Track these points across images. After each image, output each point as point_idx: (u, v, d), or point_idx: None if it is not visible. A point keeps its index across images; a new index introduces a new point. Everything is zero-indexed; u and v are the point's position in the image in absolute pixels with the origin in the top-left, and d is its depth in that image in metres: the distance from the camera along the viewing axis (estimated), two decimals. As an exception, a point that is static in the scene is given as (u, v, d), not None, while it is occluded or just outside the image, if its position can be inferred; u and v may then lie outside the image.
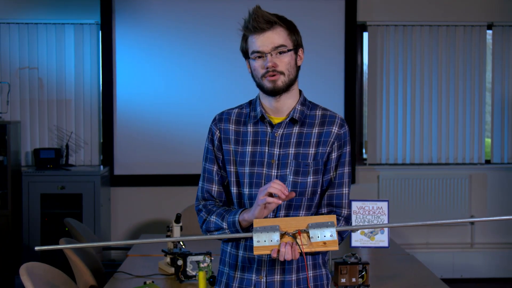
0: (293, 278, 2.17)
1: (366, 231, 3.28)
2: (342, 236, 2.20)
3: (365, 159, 6.16)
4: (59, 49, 5.83)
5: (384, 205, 3.24)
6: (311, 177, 2.16)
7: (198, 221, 2.24)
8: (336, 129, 2.19)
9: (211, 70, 5.83)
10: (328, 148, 2.18)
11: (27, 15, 5.81)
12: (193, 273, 3.30)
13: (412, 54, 6.02)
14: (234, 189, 2.20)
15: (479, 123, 6.06)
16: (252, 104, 2.26)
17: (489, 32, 6.12)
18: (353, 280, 3.12)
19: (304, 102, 2.23)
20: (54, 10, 5.83)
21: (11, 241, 5.37)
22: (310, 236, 1.94)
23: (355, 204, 3.24)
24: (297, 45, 2.20)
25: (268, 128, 2.19)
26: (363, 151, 6.22)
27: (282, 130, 2.18)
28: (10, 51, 5.81)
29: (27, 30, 5.80)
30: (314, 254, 2.20)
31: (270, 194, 1.98)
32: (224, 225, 2.12)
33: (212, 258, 3.25)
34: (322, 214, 2.20)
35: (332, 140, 2.18)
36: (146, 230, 5.92)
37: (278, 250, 1.93)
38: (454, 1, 6.06)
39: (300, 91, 2.25)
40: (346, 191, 2.21)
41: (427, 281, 3.32)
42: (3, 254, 5.36)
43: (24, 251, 5.45)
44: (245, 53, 2.17)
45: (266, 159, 2.16)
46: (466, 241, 6.14)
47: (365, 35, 6.09)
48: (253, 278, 2.17)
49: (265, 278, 2.16)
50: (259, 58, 2.11)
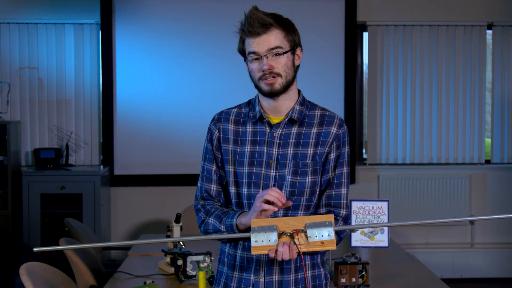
0: (291, 278, 2.17)
1: (366, 231, 3.28)
2: (341, 236, 2.20)
3: (365, 159, 6.16)
4: (59, 49, 5.83)
5: (384, 205, 3.24)
6: (310, 177, 2.16)
7: (197, 221, 2.25)
8: (335, 129, 2.19)
9: (211, 70, 5.83)
10: (327, 148, 2.17)
11: (27, 15, 5.81)
12: (193, 273, 3.30)
13: (412, 54, 6.02)
14: (232, 189, 2.20)
15: (479, 123, 6.06)
16: (251, 104, 2.25)
17: (489, 32, 6.12)
18: (353, 280, 3.12)
19: (303, 102, 2.23)
20: (54, 10, 5.83)
21: (11, 241, 5.37)
22: (308, 235, 1.94)
23: (355, 204, 3.24)
24: (294, 45, 2.19)
25: (267, 128, 2.19)
26: (363, 151, 6.22)
27: (280, 130, 2.18)
28: (10, 51, 5.81)
29: (27, 30, 5.80)
30: (312, 254, 2.20)
31: (267, 201, 1.98)
32: (222, 228, 2.13)
33: (212, 258, 3.25)
34: (320, 214, 2.20)
35: (331, 140, 2.18)
36: (146, 230, 5.92)
37: (276, 250, 1.93)
38: (454, 1, 6.06)
39: (299, 91, 2.25)
40: (345, 191, 2.21)
41: (427, 281, 3.32)
42: (3, 254, 5.36)
43: (24, 251, 5.45)
44: (243, 53, 2.17)
45: (264, 159, 2.16)
46: (466, 241, 6.14)
47: (365, 35, 6.09)
48: (252, 278, 2.17)
49: (263, 278, 2.16)
50: (256, 60, 2.11)
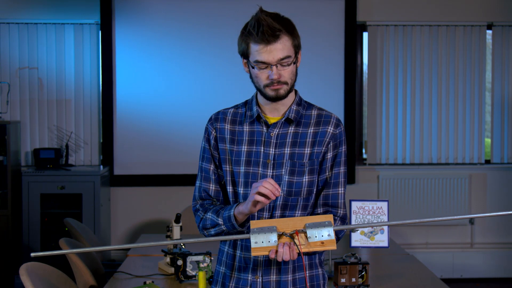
0: (289, 278, 2.18)
1: (366, 231, 3.28)
2: (338, 236, 2.19)
3: (365, 159, 6.16)
4: (59, 49, 5.83)
5: (384, 205, 3.24)
6: (307, 177, 2.16)
7: (196, 221, 2.24)
8: (332, 128, 2.19)
9: (211, 70, 5.83)
10: (324, 148, 2.18)
11: (27, 15, 5.81)
12: (193, 273, 3.30)
13: (412, 54, 6.02)
14: (230, 188, 2.20)
15: (479, 123, 6.06)
16: (247, 104, 2.25)
17: (489, 32, 6.12)
18: (353, 280, 3.12)
19: (299, 102, 2.23)
20: (54, 10, 5.83)
21: (11, 241, 5.37)
22: (308, 236, 1.93)
23: (355, 204, 3.24)
24: (297, 50, 2.16)
25: (264, 128, 2.19)
26: (363, 151, 6.22)
27: (277, 130, 2.18)
28: (10, 51, 5.81)
29: (27, 30, 5.80)
30: (310, 254, 2.20)
31: (261, 194, 1.97)
32: (220, 221, 2.12)
33: (212, 258, 3.25)
34: (317, 214, 2.20)
35: (328, 140, 2.18)
36: (146, 230, 5.92)
37: (276, 251, 1.93)
38: (454, 1, 6.06)
39: (295, 91, 2.24)
40: (342, 191, 2.21)
41: (426, 281, 3.32)
42: (3, 254, 5.35)
43: (24, 251, 5.45)
44: (244, 54, 2.13)
45: (261, 159, 2.16)
46: (466, 241, 6.15)
47: (365, 35, 6.09)
48: (249, 278, 2.17)
49: (261, 278, 2.16)
50: (263, 69, 2.08)
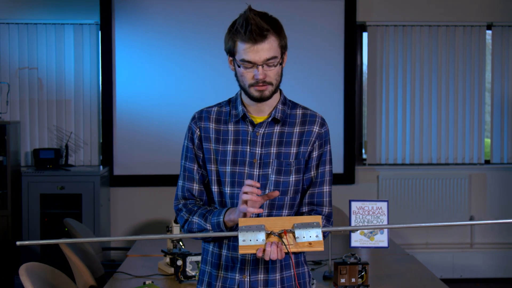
0: (277, 277, 2.18)
1: (365, 231, 3.28)
2: (324, 235, 2.21)
3: (364, 159, 6.16)
4: (58, 49, 5.83)
5: (384, 205, 3.24)
6: (293, 176, 2.17)
7: (179, 221, 2.22)
8: (317, 128, 2.20)
9: (210, 69, 5.83)
10: (310, 147, 2.19)
11: (26, 15, 5.81)
12: (193, 273, 3.30)
13: (412, 54, 6.02)
14: (215, 188, 2.19)
15: (478, 123, 6.06)
16: (231, 102, 2.24)
17: (489, 32, 6.12)
18: (353, 280, 3.12)
19: (284, 101, 2.23)
20: (53, 10, 5.83)
21: (10, 241, 5.37)
22: (296, 236, 1.94)
23: (355, 204, 3.24)
24: (284, 50, 2.13)
25: (250, 127, 2.18)
26: (363, 151, 6.22)
27: (263, 130, 2.18)
28: (9, 51, 5.81)
29: (27, 30, 5.80)
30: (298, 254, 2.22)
31: (245, 201, 1.97)
32: (208, 226, 2.11)
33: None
34: (303, 213, 2.21)
35: (313, 139, 2.19)
36: (146, 230, 5.92)
37: (264, 250, 1.93)
38: (453, 1, 6.06)
39: (280, 91, 2.23)
40: (327, 189, 2.22)
41: (426, 281, 3.32)
42: (3, 254, 5.35)
43: (24, 251, 5.45)
44: (230, 52, 2.11)
45: (248, 159, 2.16)
46: (466, 241, 6.15)
47: (365, 35, 6.09)
48: (237, 277, 2.17)
49: (248, 277, 2.16)
50: (249, 68, 2.07)
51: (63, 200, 5.44)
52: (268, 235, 1.95)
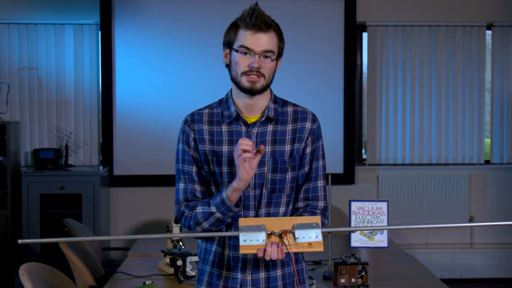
0: (278, 274, 2.21)
1: (365, 231, 3.28)
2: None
3: (364, 159, 6.16)
4: (58, 49, 5.83)
5: (384, 205, 3.24)
6: (289, 174, 2.20)
7: (183, 222, 2.19)
8: (309, 124, 2.23)
9: (210, 70, 5.82)
10: (303, 144, 2.21)
11: (26, 15, 5.81)
12: (193, 273, 3.30)
13: (412, 54, 6.02)
14: (214, 188, 2.21)
15: (478, 123, 6.06)
16: (222, 103, 2.25)
17: (489, 32, 6.13)
18: (353, 280, 3.13)
19: (275, 99, 2.25)
20: (53, 10, 5.83)
21: (10, 241, 5.37)
22: (296, 236, 1.96)
23: (355, 204, 3.24)
24: (280, 54, 2.19)
25: (243, 127, 2.20)
26: (363, 151, 6.22)
27: (257, 129, 2.20)
28: (9, 52, 5.81)
29: (27, 31, 5.80)
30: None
31: (244, 151, 1.99)
32: (213, 209, 2.10)
33: (199, 256, 3.24)
34: (298, 208, 2.23)
35: (306, 135, 2.22)
36: (146, 230, 5.92)
37: (265, 250, 1.95)
38: (453, 1, 6.06)
39: (270, 90, 2.25)
40: (322, 184, 2.24)
41: (426, 281, 3.32)
42: (3, 254, 5.35)
43: (24, 251, 5.45)
44: (229, 43, 2.15)
45: None
46: (466, 241, 6.15)
47: (365, 35, 6.09)
48: (239, 276, 2.19)
49: (250, 276, 2.18)
50: (245, 54, 2.10)
51: (63, 200, 5.44)
52: (269, 235, 1.96)
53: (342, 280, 3.12)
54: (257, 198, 2.16)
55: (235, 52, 2.12)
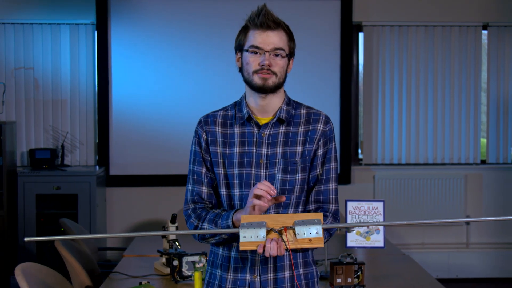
0: (286, 275, 2.20)
1: (361, 231, 3.28)
2: (330, 233, 2.23)
3: (360, 159, 6.17)
4: (54, 49, 5.82)
5: (380, 205, 3.25)
6: (300, 175, 2.19)
7: (188, 227, 2.23)
8: (322, 126, 2.22)
9: (207, 70, 5.83)
10: (315, 146, 2.21)
11: (22, 15, 5.79)
12: (189, 274, 3.30)
13: (408, 54, 6.03)
14: (223, 191, 2.21)
15: (474, 123, 6.07)
16: (237, 105, 2.27)
17: (485, 32, 6.13)
18: (349, 280, 3.13)
19: (289, 102, 2.26)
20: (49, 10, 5.82)
21: (6, 241, 5.36)
22: (296, 232, 1.96)
23: (351, 204, 3.24)
24: (291, 53, 2.21)
25: (255, 129, 2.21)
26: (359, 151, 6.22)
27: (269, 130, 2.20)
28: (5, 51, 5.80)
29: (23, 30, 5.79)
30: (301, 251, 2.22)
31: (257, 196, 1.99)
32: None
33: (208, 259, 3.24)
34: (309, 211, 2.23)
35: (318, 137, 2.21)
36: (142, 230, 5.91)
37: (264, 246, 1.95)
38: (449, 1, 6.07)
39: (284, 92, 2.26)
40: (333, 187, 2.24)
41: (422, 281, 3.32)
42: (-1, 255, 5.35)
43: (20, 251, 5.44)
44: (240, 46, 2.18)
45: (254, 159, 2.18)
46: (462, 241, 6.15)
47: (361, 35, 6.10)
48: (247, 278, 2.19)
49: (259, 277, 2.18)
50: (256, 54, 2.13)
51: (59, 200, 5.43)
52: (269, 231, 1.97)
53: (338, 280, 3.12)
54: (270, 204, 2.15)
55: (246, 53, 2.15)
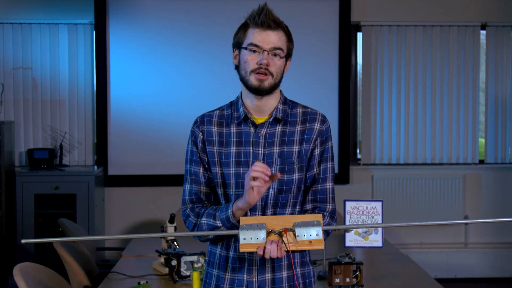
0: (284, 275, 2.20)
1: (360, 231, 3.28)
2: (328, 232, 2.22)
3: (359, 159, 6.17)
4: (53, 49, 5.82)
5: (378, 205, 3.24)
6: (297, 174, 2.18)
7: (188, 227, 2.22)
8: (318, 125, 2.22)
9: (205, 69, 5.83)
10: (311, 145, 2.20)
11: (21, 15, 5.79)
12: (187, 273, 3.30)
13: (406, 54, 6.03)
14: (220, 190, 2.21)
15: (473, 123, 6.07)
16: (233, 105, 2.26)
17: (483, 32, 6.14)
18: (347, 280, 3.13)
19: (285, 101, 2.25)
20: (48, 10, 5.82)
21: (5, 241, 5.36)
22: (296, 234, 1.96)
23: (349, 204, 3.23)
24: (289, 54, 2.20)
25: (252, 128, 2.20)
26: (357, 151, 6.22)
27: (265, 130, 2.20)
28: (3, 51, 5.80)
29: (21, 30, 5.79)
30: (300, 252, 2.22)
31: (254, 178, 1.98)
32: (218, 223, 2.12)
33: (206, 259, 3.24)
34: (306, 210, 2.23)
35: (315, 136, 2.21)
36: (140, 230, 5.91)
37: (264, 248, 1.95)
38: (448, 1, 6.07)
39: (280, 91, 2.26)
40: (330, 186, 2.24)
41: (421, 281, 3.32)
42: (-3, 255, 5.35)
43: (18, 251, 5.43)
44: (238, 43, 2.17)
45: (251, 159, 2.17)
46: (460, 241, 6.16)
47: (359, 35, 6.10)
48: (245, 278, 2.18)
49: (256, 277, 2.18)
50: (254, 52, 2.12)
51: (57, 200, 5.43)
52: (269, 233, 1.96)
53: (337, 280, 3.12)
54: (264, 198, 2.15)
55: (244, 51, 2.14)
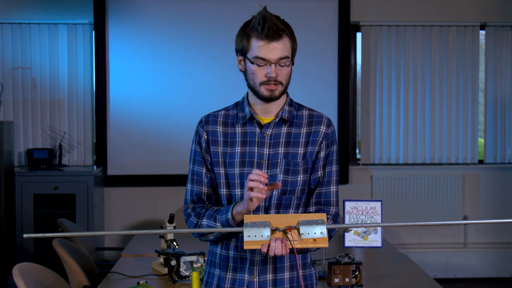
0: (286, 276, 2.20)
1: (359, 231, 3.28)
2: (330, 234, 2.22)
3: (358, 159, 6.17)
4: (52, 49, 5.82)
5: (378, 205, 3.24)
6: (301, 176, 2.19)
7: (188, 226, 2.23)
8: (324, 128, 2.22)
9: (204, 69, 5.83)
10: (317, 147, 2.21)
11: (20, 15, 5.79)
12: (187, 274, 3.30)
13: (405, 54, 6.03)
14: (223, 191, 2.20)
15: (472, 123, 6.07)
16: (238, 105, 2.26)
17: (482, 32, 6.14)
18: (347, 280, 3.13)
19: (291, 103, 2.26)
20: (47, 10, 5.81)
21: (4, 241, 5.36)
22: (301, 232, 1.95)
23: (348, 204, 3.24)
24: (294, 53, 2.22)
25: (257, 129, 2.20)
26: (357, 151, 6.22)
27: (271, 130, 2.20)
28: (2, 51, 5.79)
29: (20, 30, 5.78)
30: (303, 252, 2.22)
31: (251, 189, 1.98)
32: (218, 225, 2.13)
33: (206, 259, 3.24)
34: (310, 213, 2.22)
35: (320, 139, 2.21)
36: (140, 230, 5.90)
37: (269, 245, 1.94)
38: (447, 1, 6.07)
39: (286, 93, 2.26)
40: (334, 189, 2.24)
41: (420, 281, 3.33)
42: (-4, 255, 5.34)
43: (17, 251, 5.43)
44: (243, 51, 2.15)
45: (256, 159, 2.17)
46: (460, 241, 6.16)
47: (359, 35, 6.10)
48: (246, 278, 2.18)
49: (258, 277, 2.17)
50: (261, 66, 2.11)
51: (56, 200, 5.43)
52: (273, 231, 1.96)
53: (336, 280, 3.12)
54: (267, 199, 2.15)
55: (251, 64, 2.12)
